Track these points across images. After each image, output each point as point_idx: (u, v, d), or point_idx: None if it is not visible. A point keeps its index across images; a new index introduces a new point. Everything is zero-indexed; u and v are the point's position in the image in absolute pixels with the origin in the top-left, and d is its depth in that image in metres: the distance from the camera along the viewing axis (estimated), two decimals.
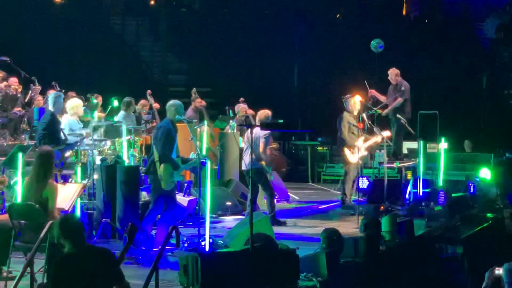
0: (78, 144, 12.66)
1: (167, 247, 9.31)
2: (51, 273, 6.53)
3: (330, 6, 27.55)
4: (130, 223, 7.01)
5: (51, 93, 13.57)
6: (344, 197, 15.29)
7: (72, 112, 13.42)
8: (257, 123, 13.88)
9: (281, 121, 14.67)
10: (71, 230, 6.63)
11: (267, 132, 13.48)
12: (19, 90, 17.80)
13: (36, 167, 9.59)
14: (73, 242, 6.58)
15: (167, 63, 27.64)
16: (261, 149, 13.35)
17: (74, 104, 13.57)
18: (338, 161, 15.99)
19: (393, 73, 16.91)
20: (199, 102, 18.09)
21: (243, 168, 13.89)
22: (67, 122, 13.39)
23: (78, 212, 11.00)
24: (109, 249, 6.86)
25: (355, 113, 15.19)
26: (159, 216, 11.39)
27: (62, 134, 12.81)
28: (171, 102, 11.52)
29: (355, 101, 15.24)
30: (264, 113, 13.67)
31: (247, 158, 13.54)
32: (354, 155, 14.94)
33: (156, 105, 17.72)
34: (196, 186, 13.50)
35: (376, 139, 15.31)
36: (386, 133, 15.36)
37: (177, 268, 8.82)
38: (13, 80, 17.80)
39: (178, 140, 11.35)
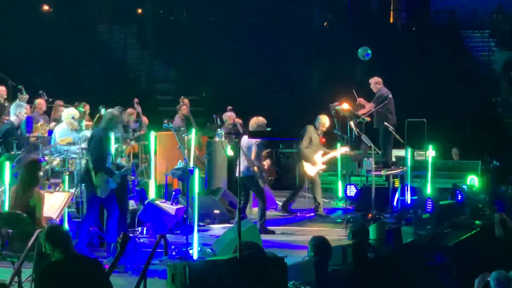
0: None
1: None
2: (37, 280, 6.50)
3: (318, 14, 27.64)
4: (122, 233, 6.99)
5: (14, 103, 13.68)
6: (317, 206, 15.32)
7: (68, 122, 13.38)
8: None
9: (269, 129, 14.59)
10: (58, 238, 6.62)
11: (258, 139, 13.40)
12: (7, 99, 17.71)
13: (22, 176, 9.58)
14: (61, 250, 6.57)
15: (154, 72, 27.63)
16: (253, 156, 13.32)
17: (72, 112, 13.54)
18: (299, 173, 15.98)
19: (373, 82, 16.85)
20: (184, 109, 18.01)
21: (237, 175, 13.82)
22: (60, 130, 13.40)
23: (65, 221, 10.98)
24: (97, 258, 6.85)
25: (319, 131, 15.28)
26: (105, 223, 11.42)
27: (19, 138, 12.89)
28: (108, 111, 11.65)
29: (325, 122, 15.30)
30: (256, 120, 13.57)
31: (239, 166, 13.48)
32: (312, 168, 15.10)
33: (144, 118, 17.64)
34: (184, 194, 13.48)
35: (335, 153, 15.45)
36: (345, 149, 15.58)
37: (165, 276, 8.81)
38: (1, 89, 17.73)
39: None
